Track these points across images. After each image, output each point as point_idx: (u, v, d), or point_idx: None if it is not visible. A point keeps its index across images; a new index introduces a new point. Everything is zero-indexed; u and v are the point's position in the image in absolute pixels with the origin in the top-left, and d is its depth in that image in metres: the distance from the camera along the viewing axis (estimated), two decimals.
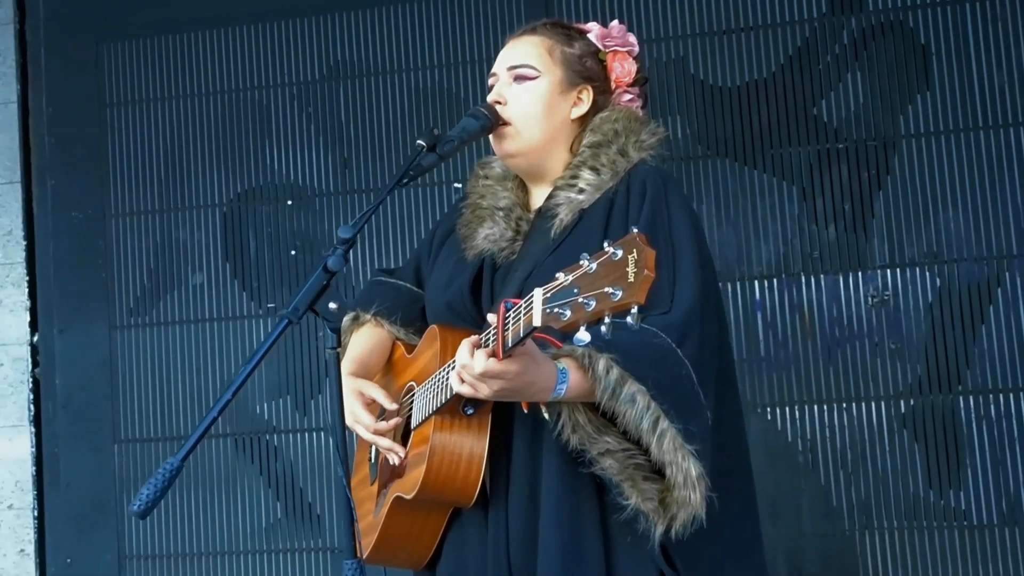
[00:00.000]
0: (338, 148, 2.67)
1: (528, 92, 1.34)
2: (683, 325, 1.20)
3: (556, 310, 1.01)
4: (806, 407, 2.46)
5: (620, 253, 0.99)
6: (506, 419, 1.27)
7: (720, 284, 1.38)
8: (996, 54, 2.44)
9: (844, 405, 2.43)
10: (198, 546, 2.72)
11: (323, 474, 2.60)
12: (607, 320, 0.99)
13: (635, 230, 1.00)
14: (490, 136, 1.36)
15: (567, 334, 1.06)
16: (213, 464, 2.68)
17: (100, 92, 2.86)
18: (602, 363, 1.16)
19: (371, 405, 1.38)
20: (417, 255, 1.52)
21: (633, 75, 1.38)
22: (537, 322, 1.03)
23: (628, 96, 1.39)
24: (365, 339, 1.45)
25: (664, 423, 1.16)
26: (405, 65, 2.65)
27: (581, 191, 1.31)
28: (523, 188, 1.40)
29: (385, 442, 1.34)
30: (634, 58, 1.40)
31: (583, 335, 1.01)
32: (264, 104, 2.73)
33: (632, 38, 1.40)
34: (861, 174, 2.42)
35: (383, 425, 1.34)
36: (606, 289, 0.98)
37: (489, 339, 1.13)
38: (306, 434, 2.64)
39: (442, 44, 2.64)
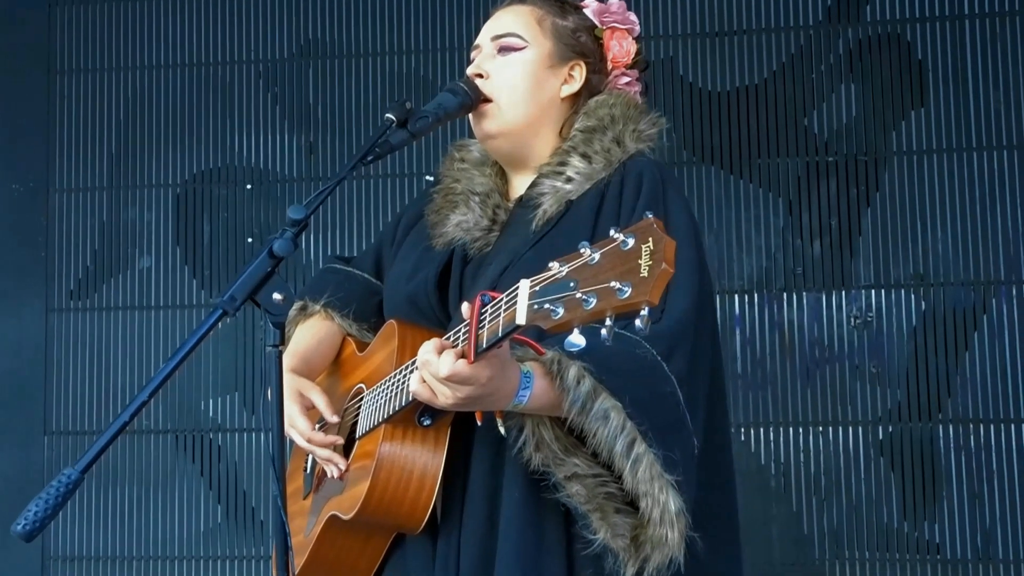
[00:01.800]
0: (304, 132, 2.60)
1: (513, 64, 1.22)
2: (672, 336, 1.07)
3: (547, 307, 0.86)
4: (781, 429, 2.42)
5: (632, 242, 0.84)
6: (466, 434, 1.15)
7: None
8: (993, 74, 2.43)
9: (820, 429, 2.40)
10: (129, 549, 2.60)
11: (269, 478, 2.51)
12: (608, 322, 0.85)
13: (651, 215, 0.86)
14: (469, 115, 1.24)
15: (551, 337, 0.93)
16: (151, 462, 2.59)
17: (50, 58, 2.74)
18: (572, 371, 1.03)
19: (311, 410, 1.25)
20: (378, 243, 1.39)
21: (632, 56, 1.28)
22: (521, 320, 0.89)
23: (626, 79, 1.28)
24: (311, 332, 1.32)
25: (640, 447, 1.03)
26: (379, 48, 2.59)
27: (569, 180, 1.19)
28: (503, 176, 1.29)
29: (323, 452, 1.21)
30: (635, 38, 1.29)
31: (577, 338, 0.86)
32: (227, 81, 2.66)
33: (633, 17, 1.29)
34: (850, 189, 2.42)
35: (319, 436, 1.21)
36: (612, 284, 0.84)
37: (459, 337, 1.00)
38: (253, 434, 2.56)
39: (419, 28, 2.58)
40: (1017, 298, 2.36)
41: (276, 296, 1.01)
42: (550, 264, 0.89)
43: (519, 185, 1.26)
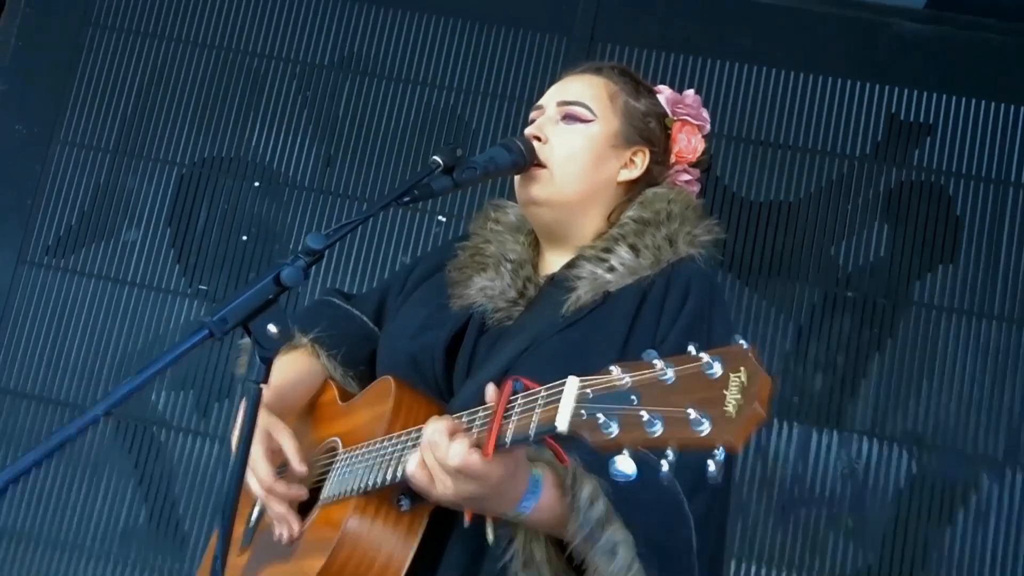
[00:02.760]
0: (325, 143, 2.52)
1: (576, 135, 1.18)
2: (700, 471, 0.90)
3: (600, 417, 0.77)
4: (743, 564, 2.31)
5: (718, 368, 0.74)
6: (444, 529, 1.04)
7: None
8: None
9: (783, 572, 2.28)
10: (39, 529, 2.44)
11: (205, 489, 2.38)
12: (670, 456, 0.74)
13: (743, 343, 0.76)
14: (516, 176, 1.18)
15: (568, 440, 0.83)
16: (83, 442, 2.44)
17: (88, 7, 2.65)
18: (587, 489, 0.94)
19: (276, 452, 1.15)
20: (385, 287, 1.31)
21: (698, 154, 1.23)
22: (562, 425, 0.80)
23: (686, 177, 1.24)
24: (293, 366, 1.23)
25: None
26: (420, 77, 2.52)
27: (611, 269, 1.12)
28: (536, 248, 1.22)
29: (279, 507, 1.11)
30: (703, 136, 1.25)
31: (627, 466, 0.76)
32: (260, 73, 2.58)
33: (706, 114, 1.25)
34: (863, 330, 2.34)
35: (282, 487, 1.10)
36: (688, 412, 0.73)
37: (475, 422, 0.91)
38: (199, 439, 2.43)
39: (466, 67, 2.51)
40: (1011, 484, 2.26)
41: (271, 328, 0.92)
42: (610, 368, 0.79)
43: (553, 261, 1.20)
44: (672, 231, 1.14)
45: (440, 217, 2.42)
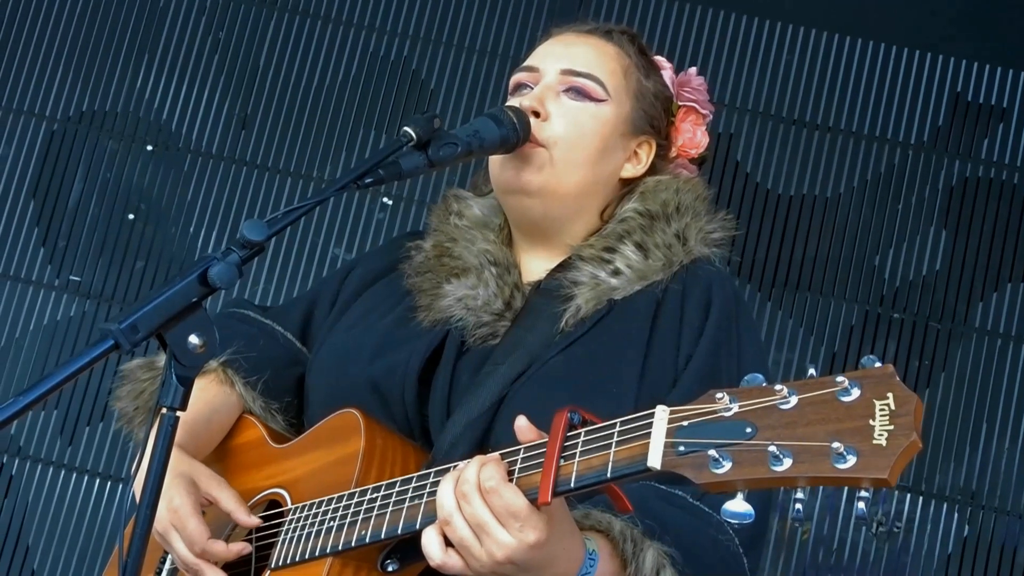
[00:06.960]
0: (239, 100, 2.26)
1: (585, 116, 1.11)
2: (757, 523, 0.96)
3: (711, 453, 0.73)
4: None
5: (856, 393, 0.72)
6: None
7: None
8: None
9: None
10: None
11: (70, 536, 2.10)
12: (800, 494, 0.73)
13: (878, 363, 0.73)
14: (496, 157, 1.08)
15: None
16: None
17: None
18: (650, 557, 0.92)
19: (207, 508, 1.08)
20: (312, 296, 1.24)
21: (702, 150, 1.19)
22: (655, 462, 0.77)
23: (684, 174, 1.21)
24: (202, 396, 1.14)
25: None
26: (364, 20, 2.27)
27: (616, 273, 1.07)
28: (510, 249, 1.16)
29: (214, 574, 1.02)
30: (707, 127, 1.22)
31: (741, 506, 0.74)
32: (156, 5, 2.28)
33: (710, 103, 1.21)
34: (911, 360, 2.12)
35: (221, 548, 1.03)
36: (831, 444, 0.70)
37: (513, 468, 0.86)
38: (63, 472, 2.14)
39: (422, 9, 2.27)
40: None
41: (194, 340, 0.86)
42: (715, 394, 0.78)
43: (534, 265, 1.14)
44: (683, 226, 1.10)
45: (385, 199, 2.23)
